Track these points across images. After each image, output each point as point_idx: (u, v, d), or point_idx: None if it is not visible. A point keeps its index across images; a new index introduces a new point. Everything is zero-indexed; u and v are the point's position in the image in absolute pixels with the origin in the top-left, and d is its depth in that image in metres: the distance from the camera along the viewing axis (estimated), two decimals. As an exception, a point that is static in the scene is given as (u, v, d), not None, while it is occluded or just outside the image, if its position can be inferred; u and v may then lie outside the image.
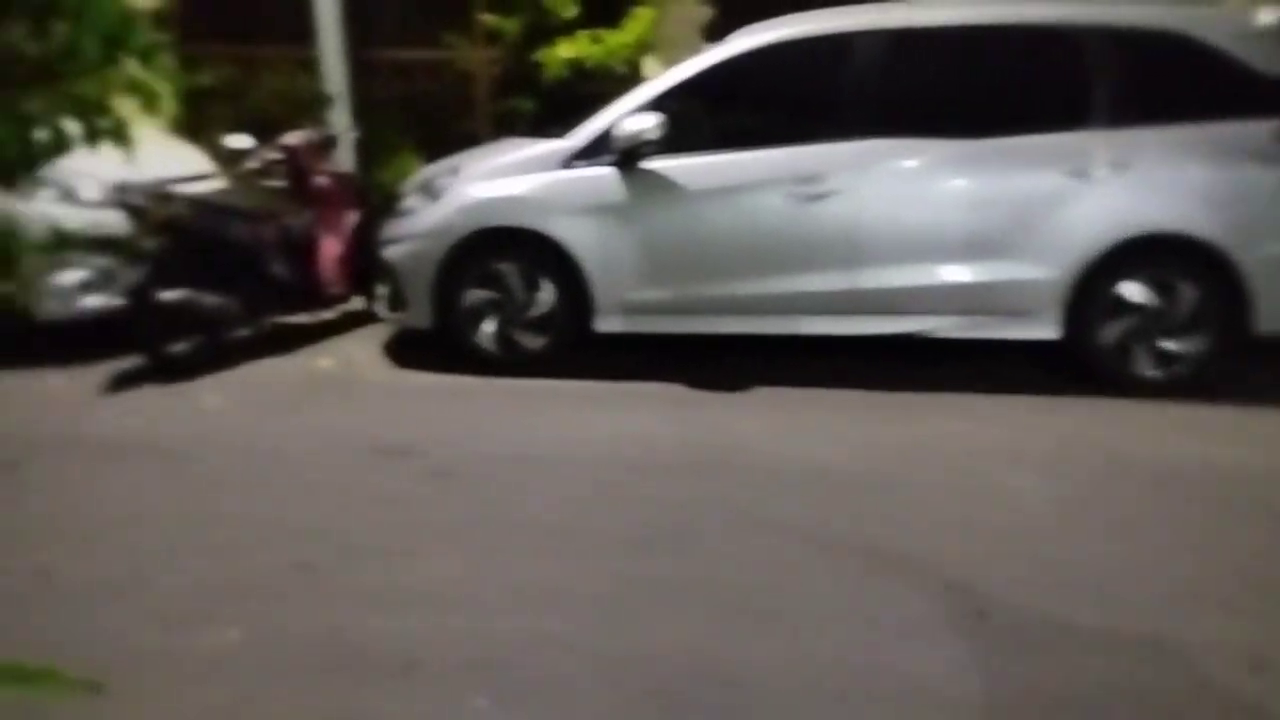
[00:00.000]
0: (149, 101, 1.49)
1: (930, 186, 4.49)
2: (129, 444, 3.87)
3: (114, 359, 4.74)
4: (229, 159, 5.95)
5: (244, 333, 5.04)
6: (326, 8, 7.15)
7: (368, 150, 7.24)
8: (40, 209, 4.77)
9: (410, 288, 4.80)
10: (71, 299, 4.76)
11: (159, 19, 7.95)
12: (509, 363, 4.77)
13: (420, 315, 4.81)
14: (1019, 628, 2.58)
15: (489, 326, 4.77)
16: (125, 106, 1.50)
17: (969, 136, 4.45)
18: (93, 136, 1.47)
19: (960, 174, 4.48)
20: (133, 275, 4.56)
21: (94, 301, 4.80)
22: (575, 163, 4.65)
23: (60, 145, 1.45)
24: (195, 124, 7.72)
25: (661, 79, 4.81)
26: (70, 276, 4.75)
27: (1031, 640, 2.53)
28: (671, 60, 5.29)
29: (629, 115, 4.58)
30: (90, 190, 4.85)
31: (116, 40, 1.45)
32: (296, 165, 5.55)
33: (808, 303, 4.58)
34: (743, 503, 3.33)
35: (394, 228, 4.97)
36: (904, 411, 4.23)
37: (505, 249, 4.71)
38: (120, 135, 1.51)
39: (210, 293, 4.73)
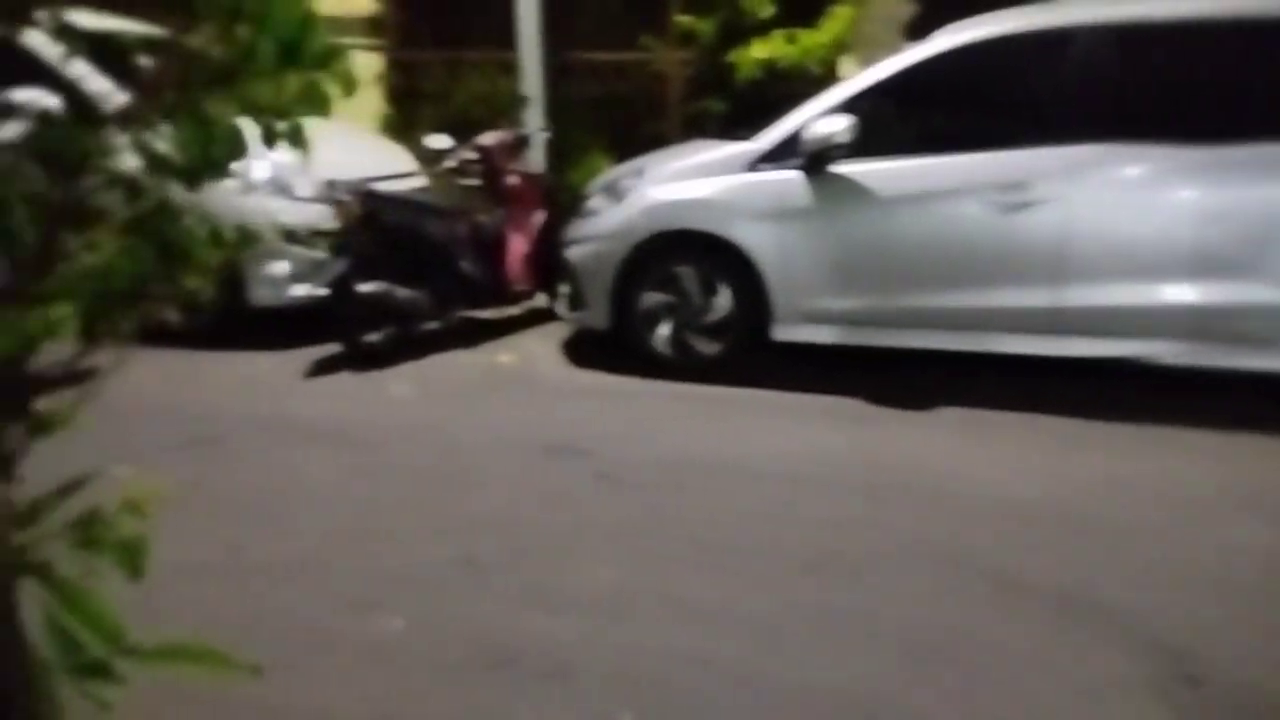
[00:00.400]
0: (319, 105, 1.50)
1: (1155, 197, 4.07)
2: (322, 427, 4.08)
3: (316, 345, 5.02)
4: (429, 158, 6.21)
5: (433, 325, 5.23)
6: (527, 12, 7.35)
7: (559, 151, 7.39)
8: (259, 203, 5.17)
9: (590, 288, 4.83)
10: (281, 287, 5.09)
11: (375, 25, 8.45)
12: (683, 367, 4.71)
13: (598, 315, 4.83)
14: (1236, 701, 2.26)
15: (665, 329, 4.73)
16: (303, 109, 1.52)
17: (1204, 143, 4.00)
18: (270, 139, 1.50)
19: (1192, 183, 4.03)
20: (337, 267, 4.81)
21: (301, 290, 5.10)
22: (761, 166, 4.53)
23: (237, 148, 1.48)
24: (405, 124, 8.16)
25: (856, 79, 4.61)
26: (281, 267, 5.08)
27: (1250, 717, 2.20)
28: (869, 60, 5.06)
29: (819, 117, 4.41)
30: (304, 186, 5.18)
31: (295, 45, 1.47)
32: (490, 165, 5.71)
33: (1006, 319, 4.26)
34: (922, 532, 3.11)
35: (578, 228, 5.02)
36: (1108, 443, 3.85)
37: (685, 252, 4.66)
38: (296, 138, 1.53)
39: (404, 286, 4.94)
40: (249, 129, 1.50)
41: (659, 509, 3.31)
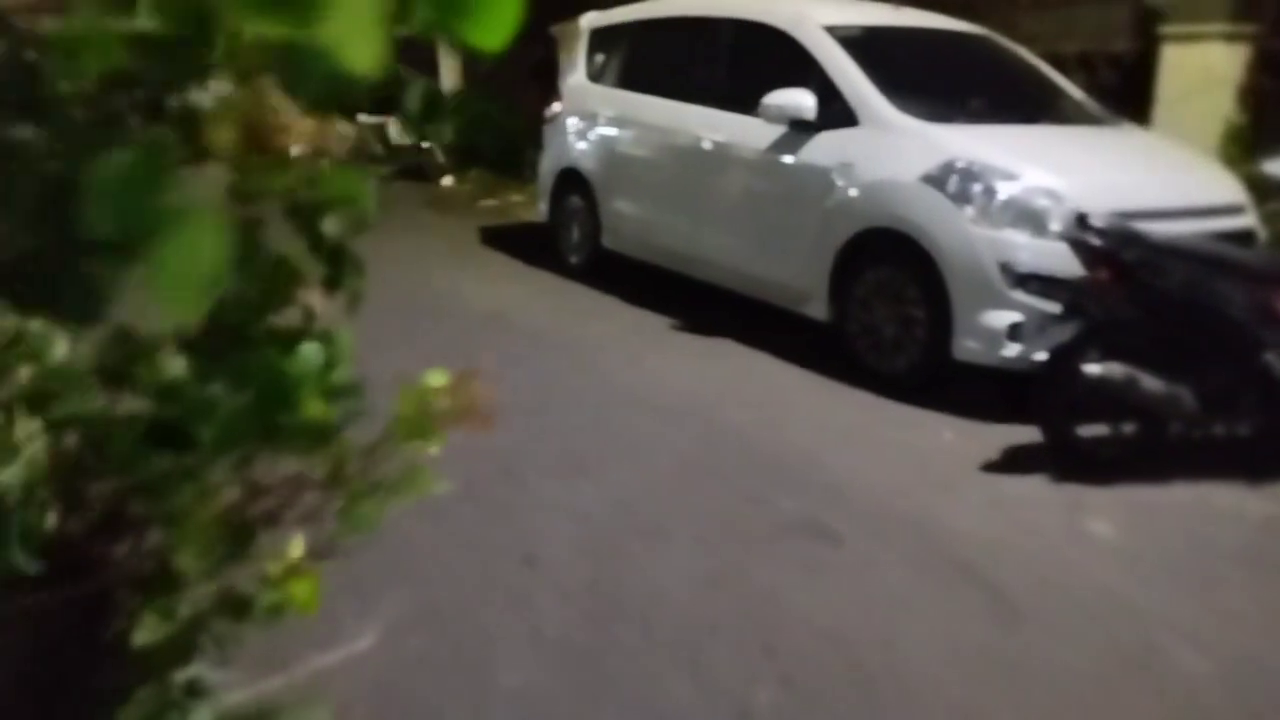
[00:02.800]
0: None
1: None
2: (968, 557, 2.90)
3: (1021, 423, 3.77)
4: (1267, 190, 4.35)
5: (1192, 434, 3.53)
6: None
7: None
8: (990, 236, 4.06)
9: None
10: (995, 344, 3.94)
11: (1246, 5, 6.43)
12: None
13: None
14: None
15: None
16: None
17: None
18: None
19: None
20: (1063, 331, 3.50)
21: (1014, 351, 3.90)
22: None
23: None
24: (1260, 139, 6.10)
25: None
26: (1001, 317, 3.93)
27: None
28: None
29: None
30: (1059, 218, 3.93)
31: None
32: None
33: None
34: None
35: None
36: None
37: None
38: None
39: (1161, 374, 3.37)
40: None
41: None
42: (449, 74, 16.09)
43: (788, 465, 3.53)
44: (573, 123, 6.70)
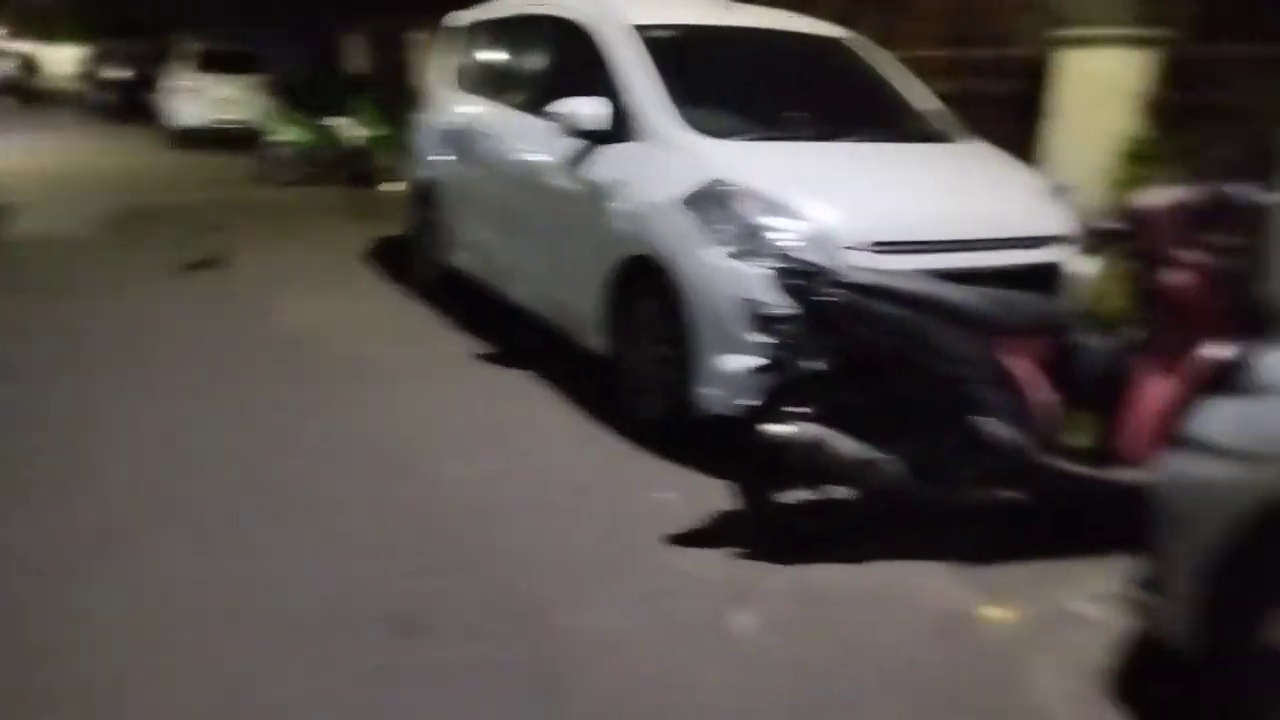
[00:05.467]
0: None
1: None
2: (551, 654, 2.48)
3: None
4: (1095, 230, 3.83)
5: (908, 506, 3.04)
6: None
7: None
8: (738, 268, 3.56)
9: (1174, 555, 2.15)
10: (734, 391, 3.48)
11: (1155, 7, 5.84)
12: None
13: (1176, 616, 2.14)
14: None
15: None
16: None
17: None
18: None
19: None
20: (765, 381, 3.05)
21: (750, 400, 3.44)
22: None
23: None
24: (1165, 157, 5.53)
25: None
26: (740, 362, 3.48)
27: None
28: None
29: None
30: (818, 250, 3.44)
31: None
32: (1147, 245, 3.14)
33: None
34: None
35: (1219, 411, 2.30)
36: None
37: None
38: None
39: (866, 436, 2.90)
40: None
41: None
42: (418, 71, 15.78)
43: (452, 538, 3.08)
44: (428, 130, 6.35)
